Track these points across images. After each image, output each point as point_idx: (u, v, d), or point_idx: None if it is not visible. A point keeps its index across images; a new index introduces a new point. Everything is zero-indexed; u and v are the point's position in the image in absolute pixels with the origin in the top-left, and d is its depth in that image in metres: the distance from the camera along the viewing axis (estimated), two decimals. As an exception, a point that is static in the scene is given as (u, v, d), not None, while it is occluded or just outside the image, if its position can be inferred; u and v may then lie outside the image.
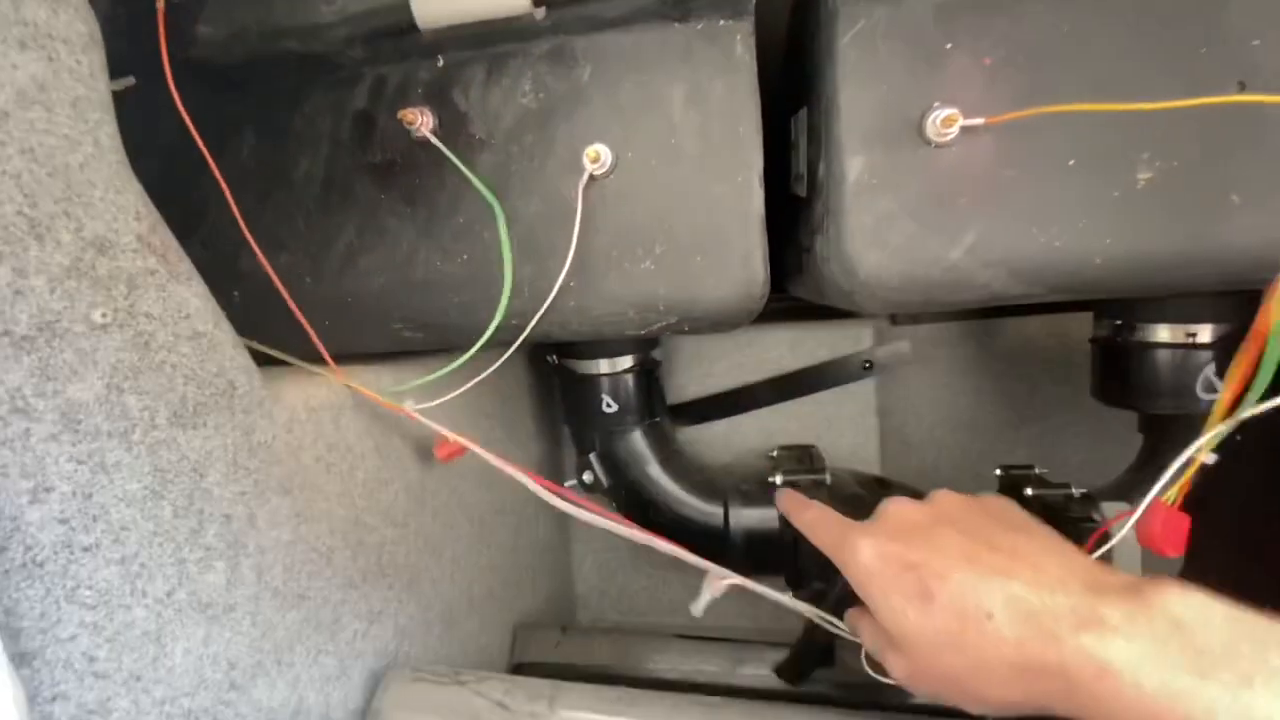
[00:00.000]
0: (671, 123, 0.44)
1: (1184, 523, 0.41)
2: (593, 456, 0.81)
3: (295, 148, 0.48)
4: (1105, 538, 0.64)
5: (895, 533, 0.39)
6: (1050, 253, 0.41)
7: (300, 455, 0.46)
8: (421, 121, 0.45)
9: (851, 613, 0.45)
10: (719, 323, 0.47)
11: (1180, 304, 0.67)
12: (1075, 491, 0.73)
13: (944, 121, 0.39)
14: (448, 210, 0.47)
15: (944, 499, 0.41)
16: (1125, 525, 0.41)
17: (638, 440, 0.80)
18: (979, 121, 0.39)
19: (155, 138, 0.50)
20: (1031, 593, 0.32)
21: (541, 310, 0.46)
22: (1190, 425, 0.70)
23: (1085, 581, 0.32)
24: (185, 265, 0.38)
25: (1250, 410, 0.37)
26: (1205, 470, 0.40)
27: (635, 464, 0.80)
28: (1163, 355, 0.69)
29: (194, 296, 0.38)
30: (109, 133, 0.34)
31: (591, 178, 0.44)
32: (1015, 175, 0.41)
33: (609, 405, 0.79)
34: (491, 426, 0.78)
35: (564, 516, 1.01)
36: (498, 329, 0.46)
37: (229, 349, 0.40)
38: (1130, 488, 0.73)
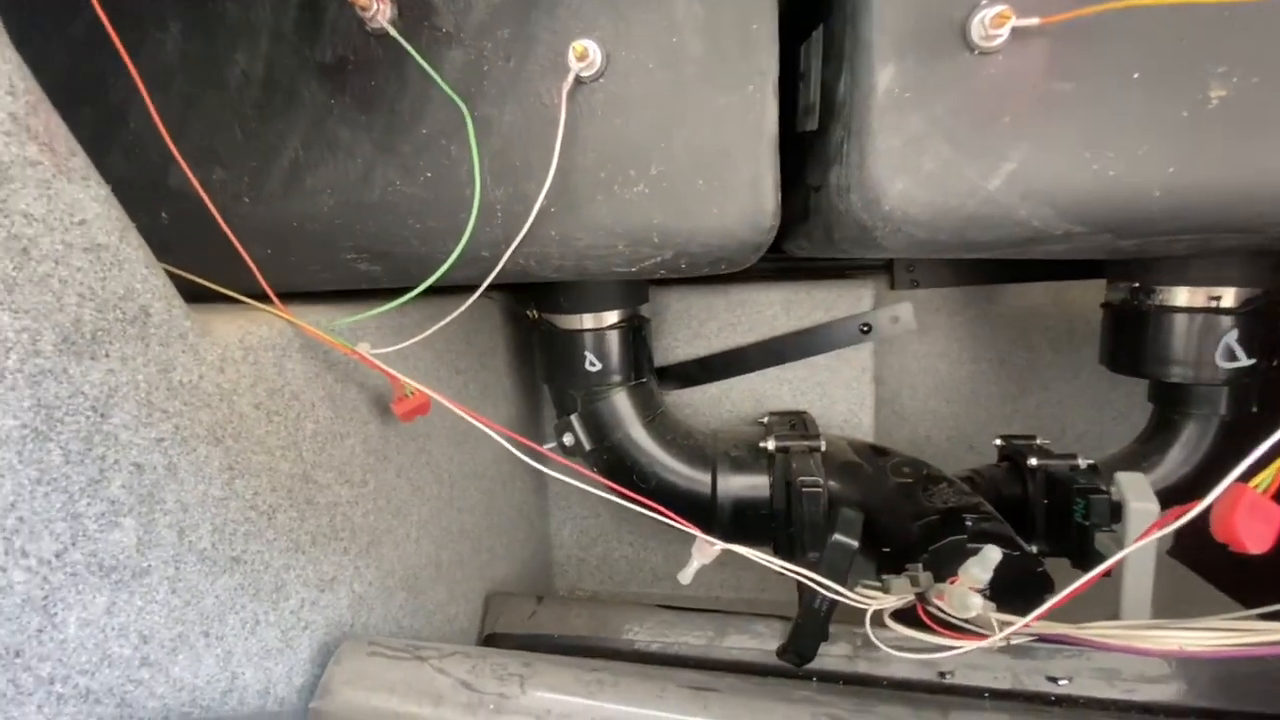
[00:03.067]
0: (672, 17, 0.37)
1: (1275, 515, 0.34)
2: (574, 418, 0.75)
3: (229, 42, 0.41)
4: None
5: None
6: (1103, 183, 0.36)
7: (235, 400, 0.40)
8: (378, 9, 0.38)
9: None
10: (720, 258, 0.42)
11: (1204, 265, 0.63)
12: (1081, 462, 0.69)
13: (994, 20, 0.33)
14: (409, 119, 0.40)
15: None
16: (1194, 509, 0.35)
17: (622, 401, 0.75)
18: (1034, 21, 0.34)
19: (64, 24, 0.43)
20: None
21: (517, 240, 0.40)
22: (1206, 395, 0.68)
23: None
24: (79, 161, 0.31)
25: None
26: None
27: (619, 426, 0.75)
28: (1181, 320, 0.65)
29: (92, 200, 0.32)
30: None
31: (578, 80, 0.38)
32: (1070, 90, 0.35)
33: (592, 364, 0.73)
34: (464, 383, 0.72)
35: (541, 481, 0.96)
36: (463, 256, 0.40)
37: (140, 268, 0.34)
38: (1139, 459, 0.70)
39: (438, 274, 0.40)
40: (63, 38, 0.42)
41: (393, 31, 0.38)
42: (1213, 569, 0.89)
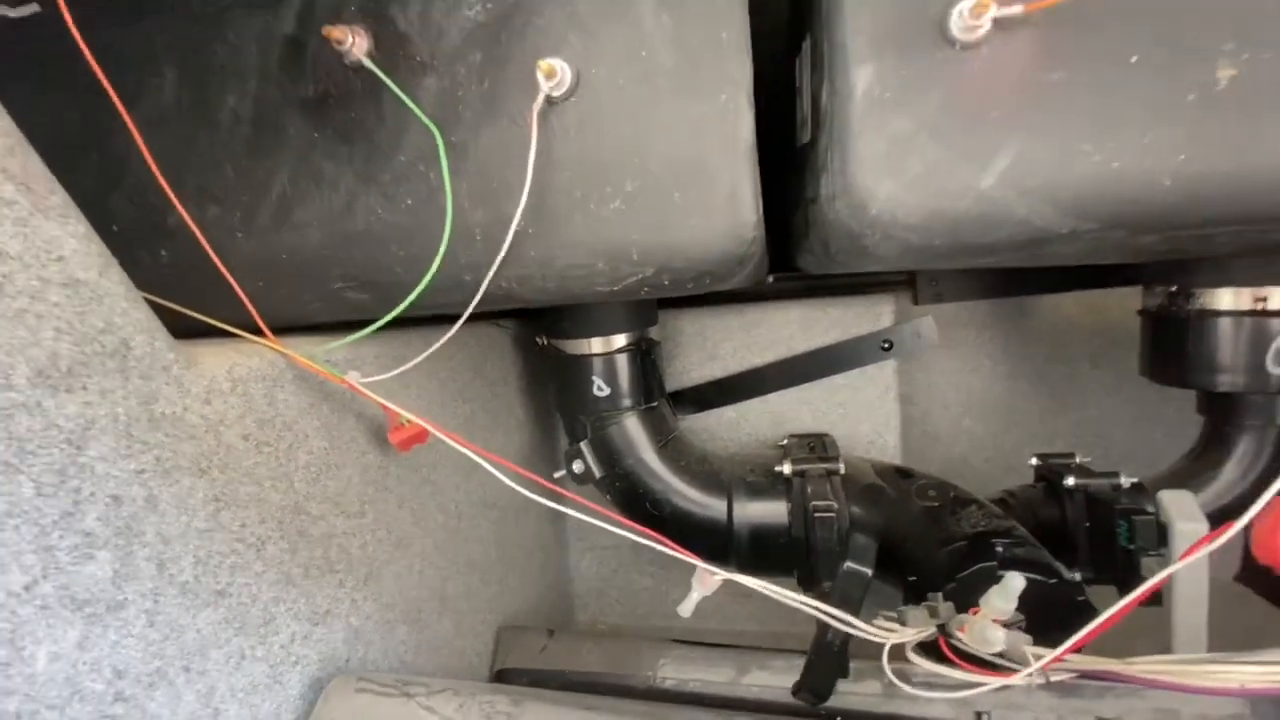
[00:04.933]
0: (641, 30, 0.37)
1: None
2: (584, 445, 0.74)
3: (220, 83, 0.43)
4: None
5: None
6: (1106, 176, 0.34)
7: (222, 431, 0.40)
8: (353, 42, 0.38)
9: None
10: (704, 274, 0.40)
11: (1246, 264, 0.59)
12: (1124, 481, 0.64)
13: (973, 11, 0.32)
14: (388, 147, 0.41)
15: None
16: (1232, 529, 0.32)
17: (633, 426, 0.74)
18: (1016, 10, 0.32)
19: (69, 75, 0.45)
20: None
21: (496, 262, 0.40)
22: (1261, 405, 0.62)
23: None
24: (58, 199, 0.32)
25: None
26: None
27: (630, 452, 0.73)
28: (1226, 325, 0.60)
29: (70, 237, 0.32)
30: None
31: (548, 100, 0.38)
32: (1062, 79, 0.33)
33: (601, 389, 0.72)
34: (472, 412, 0.72)
35: (559, 510, 0.95)
36: (439, 281, 0.40)
37: (121, 302, 0.34)
38: (1189, 476, 0.64)
39: (410, 298, 0.40)
40: (70, 88, 0.45)
41: (368, 63, 0.39)
42: (1288, 597, 0.81)
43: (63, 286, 0.32)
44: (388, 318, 0.41)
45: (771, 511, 0.71)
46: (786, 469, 0.70)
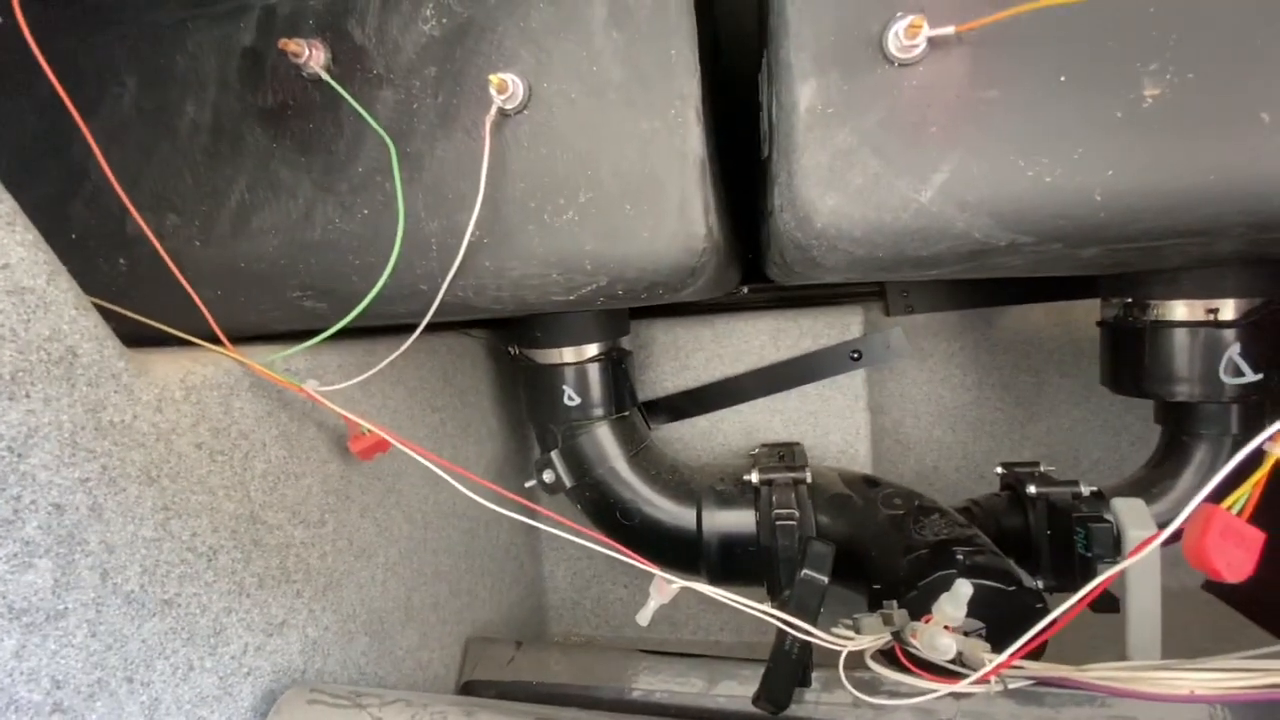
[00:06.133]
0: (591, 46, 0.38)
1: (1254, 539, 0.31)
2: (554, 454, 0.74)
3: (179, 93, 0.43)
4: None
5: None
6: (1040, 190, 0.35)
7: (173, 440, 0.40)
8: (310, 55, 0.39)
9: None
10: (656, 283, 0.41)
11: (1199, 276, 0.60)
12: (1084, 489, 0.65)
13: (907, 31, 0.33)
14: (345, 158, 0.41)
15: None
16: (1162, 535, 0.32)
17: (604, 436, 0.74)
18: (948, 30, 0.33)
19: (29, 85, 0.45)
20: None
21: (451, 271, 0.40)
22: (1215, 413, 0.64)
23: None
24: (5, 207, 0.32)
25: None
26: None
27: (601, 461, 0.74)
28: (1180, 336, 0.61)
29: (17, 245, 0.32)
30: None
31: (501, 113, 0.38)
32: (995, 96, 0.34)
33: (571, 398, 0.72)
34: (441, 421, 0.72)
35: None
36: (393, 290, 0.40)
37: (68, 310, 0.34)
38: (1148, 485, 0.65)
39: (361, 306, 0.40)
40: (31, 98, 0.45)
41: (325, 76, 0.39)
42: (1251, 604, 0.82)
43: (8, 294, 0.32)
44: (339, 325, 0.41)
45: (740, 520, 0.71)
46: (754, 478, 0.71)
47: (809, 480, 0.69)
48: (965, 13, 0.33)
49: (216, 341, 0.44)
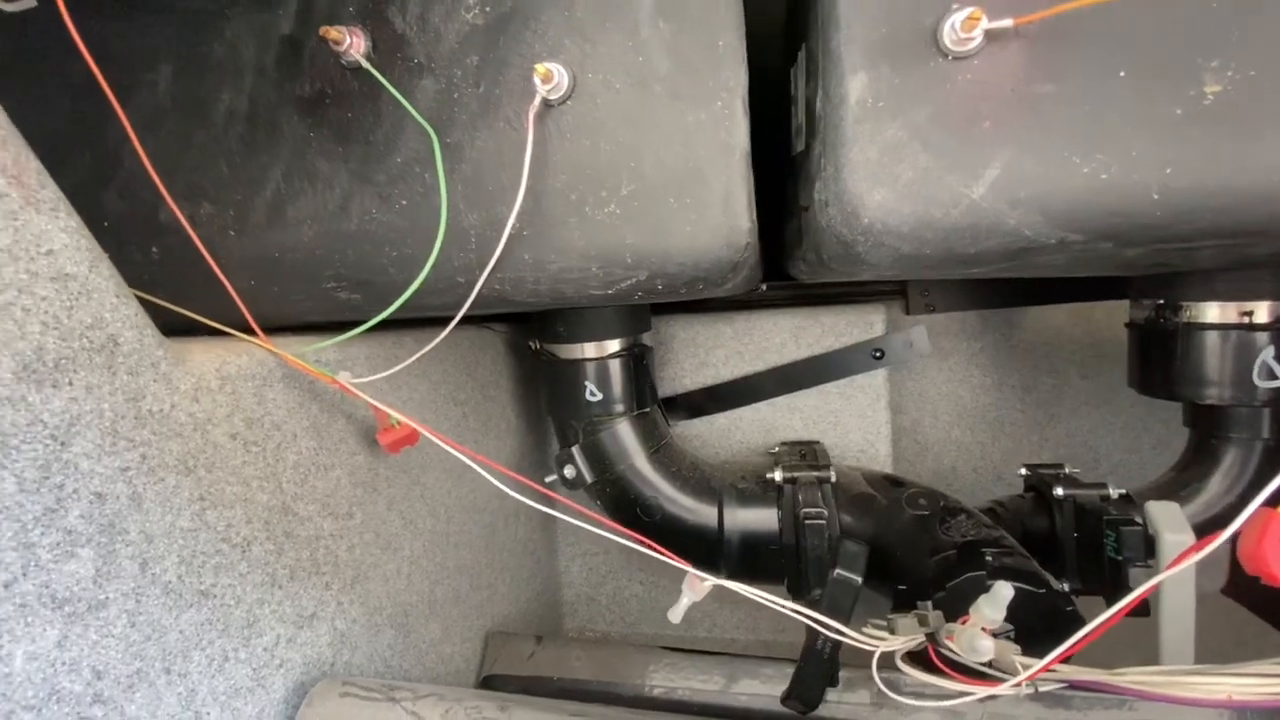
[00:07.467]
0: (638, 37, 0.37)
1: None
2: (575, 449, 0.74)
3: (217, 81, 0.43)
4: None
5: None
6: (1095, 187, 0.34)
7: (209, 430, 0.39)
8: (351, 43, 0.38)
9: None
10: (697, 279, 0.40)
11: (1233, 279, 0.59)
12: (1112, 492, 0.65)
13: (964, 24, 0.32)
14: (384, 148, 0.41)
15: None
16: (1219, 539, 0.32)
17: (625, 432, 0.73)
18: (1006, 23, 0.32)
19: (63, 71, 0.45)
20: None
21: (490, 264, 0.40)
22: (1246, 417, 0.63)
23: None
24: (49, 193, 0.32)
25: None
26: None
27: (621, 457, 0.73)
28: (1213, 338, 0.61)
29: (61, 231, 0.32)
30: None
31: (545, 103, 0.38)
32: (1051, 91, 0.34)
33: (593, 394, 0.72)
34: (464, 415, 0.71)
35: (548, 516, 0.95)
36: (435, 282, 0.39)
37: (110, 298, 0.34)
38: (1176, 488, 0.65)
39: (402, 299, 0.40)
40: (65, 84, 0.44)
41: (366, 64, 0.39)
42: (1272, 609, 0.81)
43: (51, 280, 0.31)
44: (378, 318, 0.41)
45: (762, 519, 0.71)
46: (778, 476, 0.70)
47: (833, 479, 0.69)
48: (1022, 6, 0.33)
49: (248, 331, 0.44)
